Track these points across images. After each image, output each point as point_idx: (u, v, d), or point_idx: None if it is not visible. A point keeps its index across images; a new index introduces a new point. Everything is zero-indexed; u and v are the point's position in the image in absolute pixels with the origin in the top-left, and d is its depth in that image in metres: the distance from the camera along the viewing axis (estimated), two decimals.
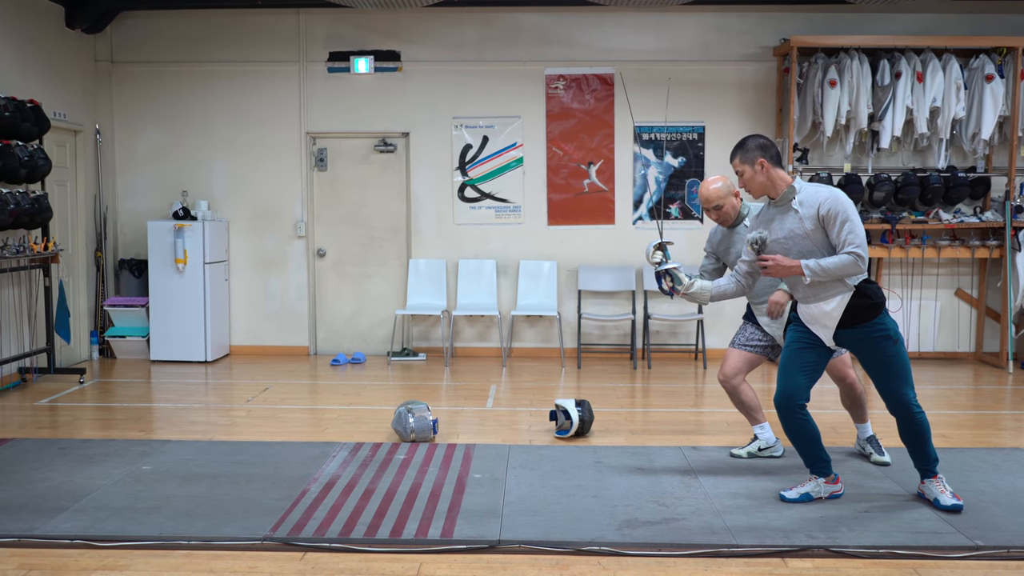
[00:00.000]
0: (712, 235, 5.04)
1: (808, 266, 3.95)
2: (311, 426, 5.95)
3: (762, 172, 4.09)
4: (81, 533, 3.83)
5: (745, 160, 4.13)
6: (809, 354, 4.18)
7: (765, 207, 4.23)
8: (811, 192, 4.03)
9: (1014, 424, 6.18)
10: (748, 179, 4.14)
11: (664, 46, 8.36)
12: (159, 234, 8.08)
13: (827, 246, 4.00)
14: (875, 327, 4.02)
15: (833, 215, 3.93)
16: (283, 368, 8.02)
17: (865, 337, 4.04)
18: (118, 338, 8.32)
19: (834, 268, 3.92)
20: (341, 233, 8.71)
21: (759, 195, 4.17)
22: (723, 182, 4.80)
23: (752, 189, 4.15)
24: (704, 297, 4.35)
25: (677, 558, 3.66)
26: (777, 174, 4.10)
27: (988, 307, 8.34)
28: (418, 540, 3.78)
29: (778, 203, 4.12)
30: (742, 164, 4.14)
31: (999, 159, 8.17)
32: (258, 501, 4.25)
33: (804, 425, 4.21)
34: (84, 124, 8.22)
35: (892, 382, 4.07)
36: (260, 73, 8.50)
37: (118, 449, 5.15)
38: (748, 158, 4.11)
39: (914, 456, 4.23)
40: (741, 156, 4.14)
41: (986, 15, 8.10)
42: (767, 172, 4.09)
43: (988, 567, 3.58)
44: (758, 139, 4.15)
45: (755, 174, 4.11)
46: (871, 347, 4.05)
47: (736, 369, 4.97)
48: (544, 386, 7.31)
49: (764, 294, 4.88)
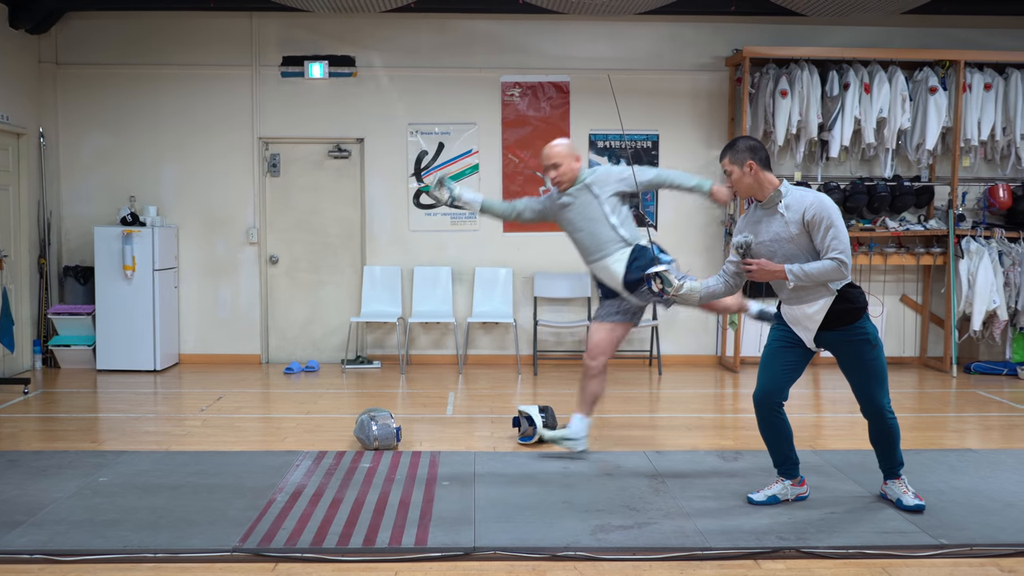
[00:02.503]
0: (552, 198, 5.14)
1: (792, 271, 3.99)
2: (269, 435, 5.84)
3: (750, 174, 4.13)
4: (41, 548, 3.70)
5: (734, 161, 4.15)
6: (790, 353, 4.24)
7: (751, 209, 4.28)
8: (797, 196, 4.08)
9: (962, 426, 6.35)
10: (736, 179, 4.17)
11: (619, 55, 8.43)
12: (106, 240, 7.87)
13: (811, 250, 4.05)
14: (856, 330, 4.09)
15: (818, 220, 3.98)
16: (235, 377, 7.87)
17: (846, 340, 4.11)
18: (62, 347, 8.07)
19: (817, 273, 3.97)
20: (294, 240, 8.59)
21: (746, 196, 4.22)
22: (566, 144, 5.00)
23: (740, 190, 4.19)
24: (693, 299, 4.35)
25: (652, 562, 3.67)
26: (765, 177, 4.13)
27: (932, 313, 8.57)
28: (392, 548, 3.74)
29: (764, 206, 4.16)
30: (731, 164, 4.16)
31: (942, 169, 8.41)
32: (223, 512, 4.15)
33: (779, 424, 4.27)
34: (27, 127, 7.98)
35: (869, 386, 4.14)
36: (211, 76, 8.35)
37: (71, 461, 4.99)
38: (738, 159, 4.14)
39: (881, 459, 4.31)
40: (731, 156, 4.17)
41: (930, 29, 8.34)
42: (755, 174, 4.13)
43: (953, 565, 3.67)
44: (748, 141, 4.18)
45: (743, 175, 4.14)
46: (851, 350, 4.12)
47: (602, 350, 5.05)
48: (502, 393, 7.30)
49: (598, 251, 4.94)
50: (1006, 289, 7.96)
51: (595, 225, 4.96)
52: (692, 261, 8.53)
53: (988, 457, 5.19)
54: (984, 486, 4.61)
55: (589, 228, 4.98)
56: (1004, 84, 8.09)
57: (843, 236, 3.98)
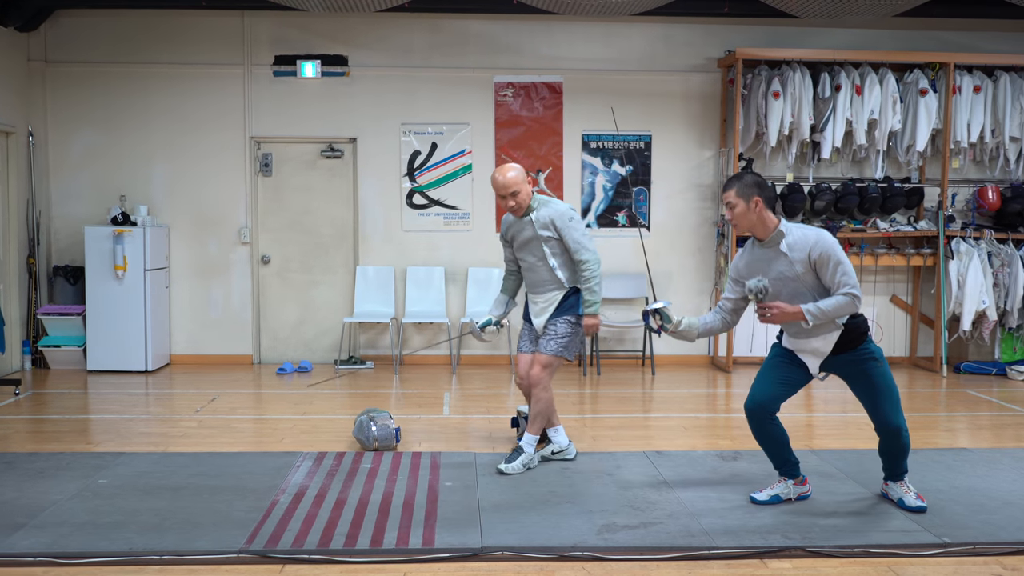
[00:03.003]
0: (504, 226, 5.09)
1: (809, 311, 3.97)
2: (267, 436, 5.81)
3: (755, 211, 4.09)
4: (45, 550, 3.67)
5: (741, 195, 4.09)
6: (790, 371, 4.25)
7: (750, 246, 4.25)
8: (799, 235, 4.06)
9: (956, 425, 6.41)
10: (739, 214, 4.11)
11: (612, 55, 8.45)
12: (97, 240, 7.81)
13: (816, 287, 4.06)
14: (861, 352, 4.12)
15: (825, 258, 3.98)
16: (227, 377, 7.83)
17: (851, 361, 4.14)
18: (52, 348, 8.01)
19: (833, 310, 3.97)
20: (286, 240, 8.55)
21: (744, 231, 4.18)
22: (518, 169, 4.85)
23: (740, 224, 4.14)
24: (692, 335, 4.34)
25: (659, 561, 3.68)
26: (768, 215, 4.11)
27: (922, 313, 8.64)
28: (400, 549, 3.73)
29: (766, 245, 4.13)
30: (737, 198, 4.10)
31: (932, 170, 8.48)
32: (227, 513, 4.13)
33: (774, 431, 4.29)
34: (16, 126, 7.90)
35: (881, 404, 4.14)
36: (203, 75, 8.30)
37: (69, 462, 4.95)
38: (745, 193, 4.09)
39: (888, 465, 4.34)
40: (738, 190, 4.10)
41: (920, 32, 8.41)
42: (759, 212, 4.10)
43: (957, 563, 3.70)
44: (756, 177, 4.15)
45: (748, 211, 4.09)
46: (858, 371, 4.15)
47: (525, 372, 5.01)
48: (496, 393, 7.29)
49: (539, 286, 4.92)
50: (995, 290, 8.04)
51: (536, 262, 4.91)
52: (685, 262, 8.58)
53: (984, 456, 5.24)
54: (982, 485, 4.66)
55: (529, 262, 4.93)
56: (993, 86, 8.17)
57: (850, 270, 3.99)
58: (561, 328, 4.89)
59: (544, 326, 4.93)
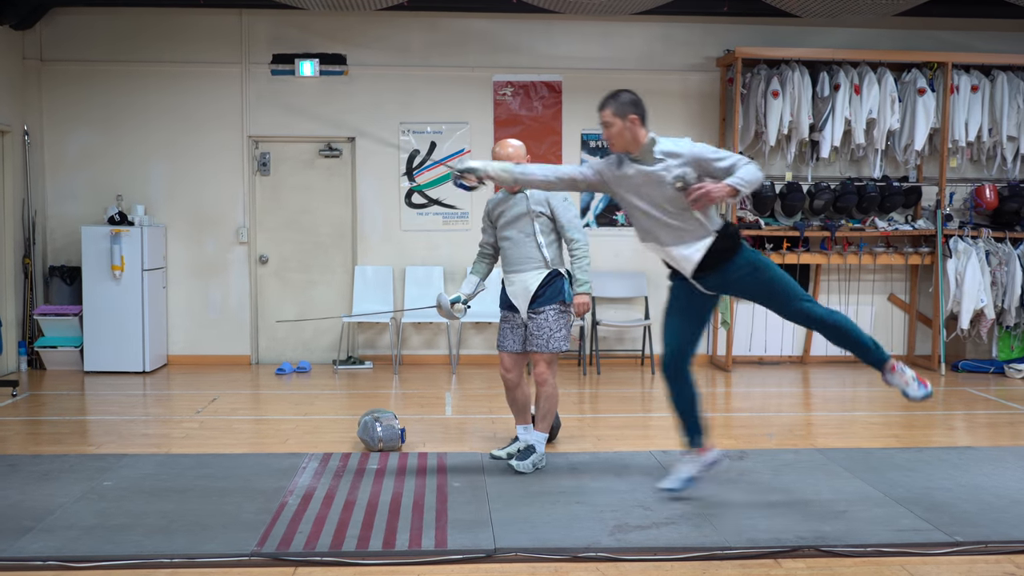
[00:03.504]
0: (489, 205, 5.08)
1: (735, 182, 3.94)
2: (269, 437, 5.78)
3: (631, 128, 4.08)
4: (54, 554, 3.63)
5: (618, 112, 4.07)
6: (689, 311, 4.27)
7: (616, 160, 4.20)
8: (670, 143, 4.07)
9: (954, 424, 6.43)
10: (616, 132, 4.08)
11: (611, 54, 8.44)
12: (94, 240, 7.75)
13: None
14: (740, 262, 4.12)
15: (701, 152, 4.02)
16: (226, 378, 7.79)
17: (734, 278, 4.14)
18: (49, 348, 7.95)
19: (751, 176, 3.97)
20: (284, 239, 8.51)
21: (621, 149, 4.15)
22: (518, 144, 4.92)
23: (616, 142, 4.12)
24: (507, 179, 4.34)
25: (674, 562, 3.67)
26: (642, 132, 4.10)
27: (920, 312, 8.67)
28: (413, 551, 3.71)
29: (639, 157, 4.10)
30: (614, 116, 4.07)
31: (930, 169, 8.51)
32: (236, 515, 4.10)
33: (687, 389, 4.33)
34: (12, 124, 7.84)
35: (783, 302, 4.14)
36: (200, 74, 8.25)
37: (73, 465, 4.91)
38: (621, 111, 4.07)
39: (857, 354, 4.27)
40: (615, 107, 4.07)
41: (918, 31, 8.43)
42: (635, 129, 4.08)
43: (970, 562, 3.70)
44: (631, 95, 4.13)
45: (624, 128, 4.07)
46: (744, 282, 4.15)
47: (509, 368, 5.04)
48: (498, 393, 7.23)
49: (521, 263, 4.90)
50: (993, 288, 8.07)
51: (523, 237, 4.90)
52: None
53: (990, 454, 5.26)
54: (989, 483, 4.67)
55: (515, 238, 4.91)
56: (990, 86, 8.20)
57: (729, 152, 4.06)
58: (552, 320, 4.88)
59: (530, 318, 4.90)
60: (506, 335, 5.05)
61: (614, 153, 4.24)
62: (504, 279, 5.02)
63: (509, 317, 5.03)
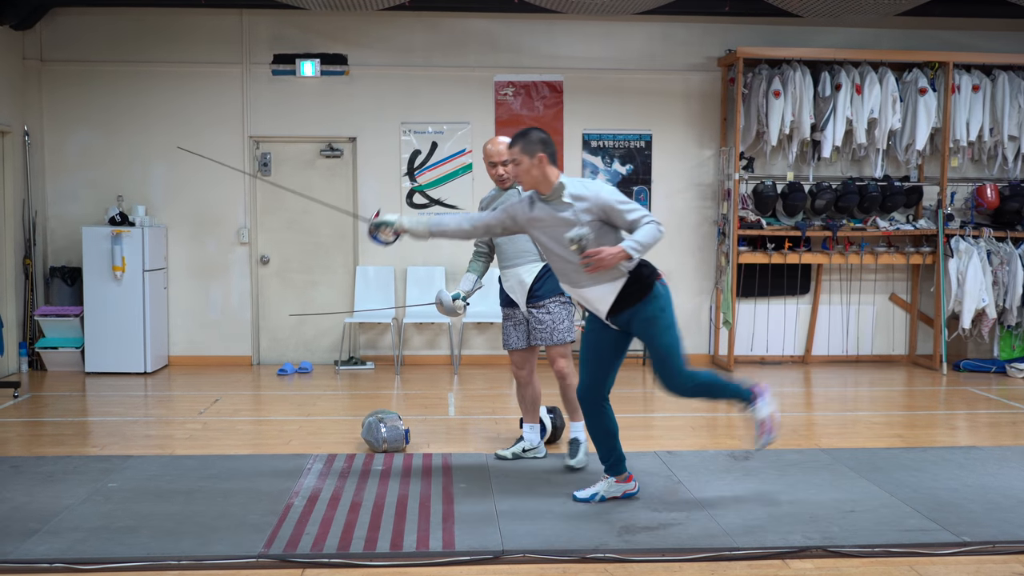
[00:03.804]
0: (482, 204, 5.14)
1: (630, 246, 3.95)
2: (273, 438, 5.77)
3: (539, 166, 4.10)
4: (61, 556, 3.62)
5: (525, 151, 4.10)
6: (604, 343, 4.25)
7: (528, 201, 4.22)
8: (579, 186, 4.09)
9: (956, 423, 6.43)
10: (524, 170, 4.11)
11: (612, 54, 8.44)
12: (95, 240, 7.73)
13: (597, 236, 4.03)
14: (640, 310, 4.08)
15: (610, 204, 4.00)
16: (227, 379, 7.77)
17: (635, 323, 4.12)
18: (49, 349, 7.93)
19: (647, 239, 3.96)
20: (285, 239, 8.50)
21: (529, 187, 4.17)
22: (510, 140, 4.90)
23: (524, 180, 4.15)
24: (422, 231, 4.36)
25: (682, 563, 3.67)
26: (552, 171, 4.12)
27: (921, 312, 8.67)
28: (420, 552, 3.70)
29: (548, 199, 4.13)
30: (521, 154, 4.10)
31: (931, 169, 8.51)
32: (242, 517, 4.09)
33: (604, 420, 4.28)
34: (12, 125, 7.82)
35: (659, 368, 4.13)
36: (201, 74, 8.24)
37: (77, 466, 4.89)
38: (529, 149, 4.09)
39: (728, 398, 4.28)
40: (523, 146, 4.11)
41: (919, 31, 8.44)
42: (543, 168, 4.10)
43: (978, 562, 3.70)
44: (541, 133, 4.16)
45: (532, 166, 4.10)
46: (639, 331, 4.13)
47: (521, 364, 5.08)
48: (500, 393, 7.27)
49: (517, 256, 4.91)
50: (994, 288, 8.08)
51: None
52: (685, 261, 8.58)
53: (994, 454, 5.26)
54: (995, 483, 4.67)
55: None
56: (991, 85, 8.21)
57: (636, 204, 4.06)
58: (555, 312, 4.91)
59: (531, 312, 4.91)
60: (510, 333, 5.07)
61: (526, 194, 4.30)
62: (501, 275, 5.05)
63: (510, 314, 5.06)
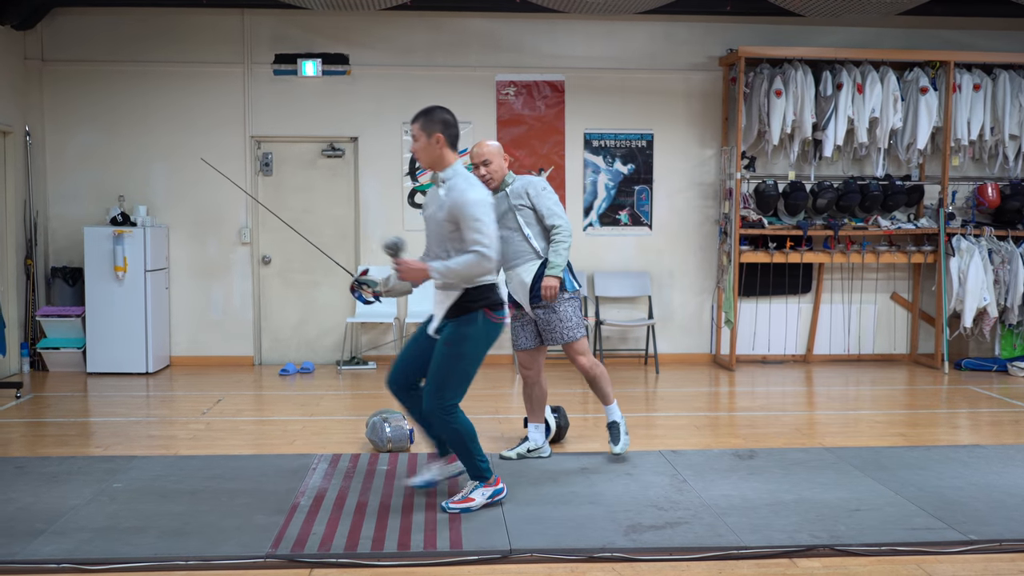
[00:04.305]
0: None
1: (436, 269, 3.96)
2: (276, 438, 5.76)
3: (436, 146, 4.07)
4: (68, 556, 3.62)
5: (424, 128, 4.07)
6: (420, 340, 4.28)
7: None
8: (456, 183, 4.03)
9: (958, 422, 6.44)
10: (420, 147, 4.09)
11: (614, 54, 8.44)
12: (96, 241, 7.72)
13: (452, 239, 4.03)
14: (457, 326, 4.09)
15: (459, 212, 3.94)
16: (230, 379, 7.76)
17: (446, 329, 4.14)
18: (51, 350, 7.92)
19: (461, 268, 3.94)
20: (287, 240, 8.46)
21: (427, 166, 4.16)
22: (495, 144, 4.92)
23: (421, 158, 4.13)
24: (406, 286, 4.35)
25: (689, 562, 3.67)
26: (448, 153, 4.09)
27: (923, 310, 8.68)
28: (428, 552, 3.70)
29: (439, 180, 4.13)
30: (420, 131, 4.07)
31: (932, 168, 8.52)
32: (248, 517, 4.09)
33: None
34: (13, 125, 7.81)
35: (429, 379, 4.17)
36: (202, 74, 8.23)
37: (81, 466, 4.89)
38: (428, 128, 4.06)
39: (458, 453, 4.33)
40: (423, 123, 4.07)
41: (920, 30, 8.44)
42: (440, 148, 4.07)
43: (986, 560, 3.71)
44: (445, 114, 4.12)
45: (428, 145, 4.07)
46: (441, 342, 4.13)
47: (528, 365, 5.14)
48: (501, 393, 7.27)
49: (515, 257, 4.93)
50: (996, 286, 8.09)
51: (511, 233, 4.92)
52: (686, 260, 8.58)
53: (998, 452, 5.27)
54: (999, 481, 4.68)
55: (504, 235, 4.91)
56: (992, 85, 8.22)
57: (486, 229, 3.94)
58: (561, 310, 4.95)
59: (536, 312, 4.94)
60: (518, 333, 5.09)
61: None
62: (504, 278, 5.04)
63: (517, 315, 5.08)
